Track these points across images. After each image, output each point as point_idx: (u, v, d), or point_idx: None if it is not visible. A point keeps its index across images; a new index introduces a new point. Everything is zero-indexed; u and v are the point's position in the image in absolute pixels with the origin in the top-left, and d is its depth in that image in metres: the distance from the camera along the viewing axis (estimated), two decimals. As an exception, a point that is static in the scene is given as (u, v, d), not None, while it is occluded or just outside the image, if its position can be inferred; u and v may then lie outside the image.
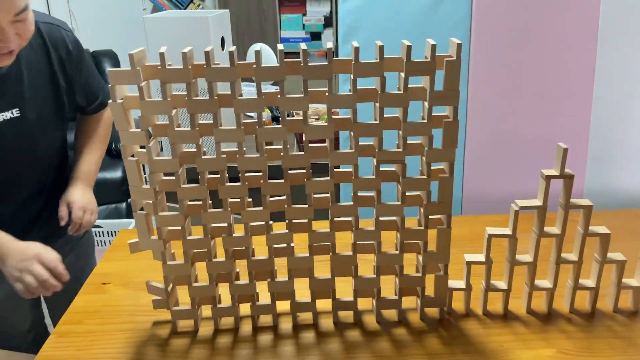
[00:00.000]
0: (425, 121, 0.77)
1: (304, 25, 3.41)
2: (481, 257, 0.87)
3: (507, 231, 0.85)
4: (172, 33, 1.56)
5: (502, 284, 0.89)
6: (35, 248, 0.91)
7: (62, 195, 1.11)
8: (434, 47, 0.73)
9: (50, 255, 0.91)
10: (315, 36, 3.40)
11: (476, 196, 1.62)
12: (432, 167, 0.80)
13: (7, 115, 0.95)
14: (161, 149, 1.78)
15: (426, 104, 0.77)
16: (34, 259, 0.89)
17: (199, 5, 3.41)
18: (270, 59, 2.19)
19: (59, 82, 1.03)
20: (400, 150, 0.79)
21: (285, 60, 0.75)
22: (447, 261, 0.85)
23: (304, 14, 3.40)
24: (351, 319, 0.89)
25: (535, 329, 0.86)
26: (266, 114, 1.80)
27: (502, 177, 1.59)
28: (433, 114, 0.77)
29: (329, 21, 3.38)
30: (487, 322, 0.88)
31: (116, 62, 3.02)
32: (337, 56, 0.73)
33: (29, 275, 0.88)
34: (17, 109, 0.96)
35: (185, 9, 3.46)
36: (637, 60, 1.48)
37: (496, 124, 1.57)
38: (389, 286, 0.90)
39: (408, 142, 0.79)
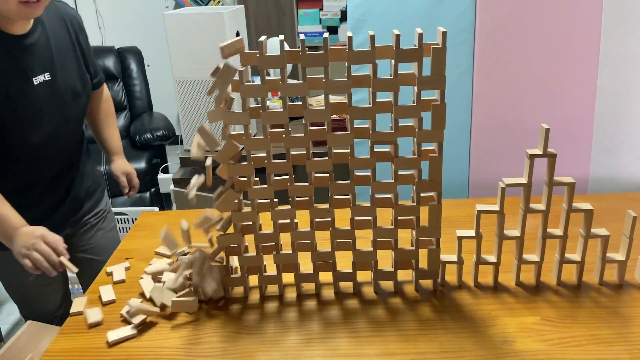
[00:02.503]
0: (415, 104, 0.84)
1: (320, 19, 3.47)
2: (472, 233, 0.93)
3: (496, 207, 0.91)
4: (190, 28, 1.64)
5: (492, 258, 0.95)
6: (41, 230, 1.02)
7: (78, 185, 1.23)
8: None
9: (54, 236, 1.01)
10: (332, 30, 3.46)
11: (482, 181, 1.67)
12: (423, 148, 0.87)
13: (41, 78, 1.06)
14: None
15: (416, 88, 0.83)
16: (39, 239, 0.99)
17: (219, 2, 3.51)
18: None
19: (78, 53, 1.16)
20: (393, 132, 0.86)
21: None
22: (438, 235, 0.92)
23: (321, 9, 3.46)
24: (351, 290, 0.96)
25: (523, 299, 0.92)
26: (279, 104, 1.87)
27: (508, 163, 1.63)
28: (422, 98, 0.84)
29: (345, 15, 3.43)
30: (477, 293, 0.94)
31: (140, 58, 3.14)
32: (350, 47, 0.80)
33: (35, 252, 0.98)
34: (49, 73, 1.07)
35: (206, 5, 3.56)
36: (639, 49, 1.51)
37: (501, 112, 1.61)
38: (386, 260, 0.97)
39: (400, 124, 0.86)
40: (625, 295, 0.91)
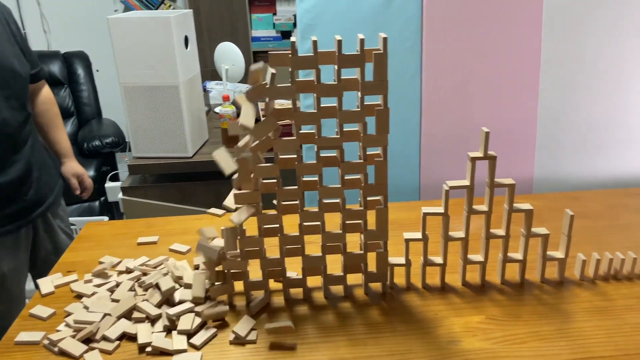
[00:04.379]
0: (359, 109, 0.84)
1: (274, 24, 3.47)
2: (419, 235, 0.94)
3: (441, 209, 0.92)
4: (135, 33, 1.60)
5: (439, 259, 0.97)
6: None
7: (27, 172, 1.27)
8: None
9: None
10: (286, 35, 3.46)
11: (433, 183, 1.70)
12: (368, 152, 0.87)
13: None
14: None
15: (359, 93, 0.84)
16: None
17: (170, 6, 3.45)
18: (236, 57, 2.24)
19: (12, 39, 1.23)
20: (338, 137, 0.86)
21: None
22: (386, 238, 0.92)
23: (274, 14, 3.46)
24: (301, 295, 0.96)
25: (469, 298, 0.94)
26: (231, 110, 1.86)
27: (457, 165, 1.66)
28: (367, 103, 0.84)
29: (299, 20, 3.44)
30: (425, 294, 0.96)
31: (87, 63, 3.04)
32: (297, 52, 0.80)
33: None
34: None
35: (157, 9, 3.49)
36: (579, 52, 1.57)
37: (449, 115, 1.65)
38: (336, 265, 0.97)
39: (345, 129, 0.86)
40: (566, 291, 0.94)
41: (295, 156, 0.87)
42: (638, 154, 1.62)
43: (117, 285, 0.99)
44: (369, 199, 0.91)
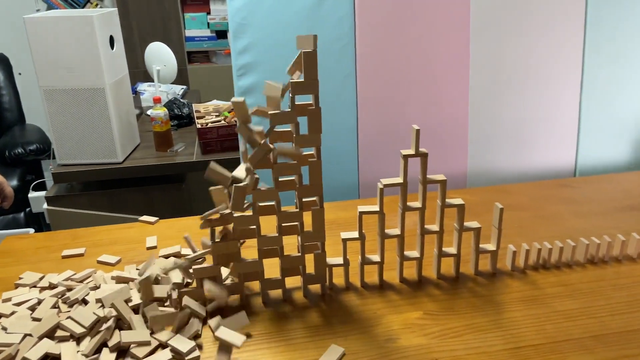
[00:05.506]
0: (290, 110, 0.83)
1: (208, 23, 3.40)
2: (355, 234, 0.94)
3: (376, 208, 0.93)
4: (55, 33, 1.51)
5: (377, 257, 0.97)
6: None
7: None
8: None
9: None
10: (221, 34, 3.40)
11: (372, 181, 1.71)
12: (303, 153, 0.86)
13: None
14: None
15: (290, 93, 0.82)
16: None
17: (97, 5, 3.30)
18: (168, 57, 2.17)
19: None
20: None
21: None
22: (323, 239, 0.91)
23: (208, 13, 3.39)
24: (238, 302, 0.93)
25: (406, 295, 0.94)
26: (163, 112, 1.79)
27: (395, 163, 1.69)
28: (297, 103, 0.83)
29: (234, 19, 3.39)
30: (364, 294, 0.95)
31: (8, 66, 2.86)
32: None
33: None
34: None
35: (83, 7, 3.33)
36: (505, 51, 1.63)
37: (385, 114, 1.67)
38: (274, 269, 0.95)
39: (278, 130, 0.84)
40: (498, 282, 0.97)
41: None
42: (563, 147, 1.70)
43: (39, 302, 0.92)
44: (304, 200, 0.89)
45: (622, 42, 1.64)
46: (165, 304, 0.89)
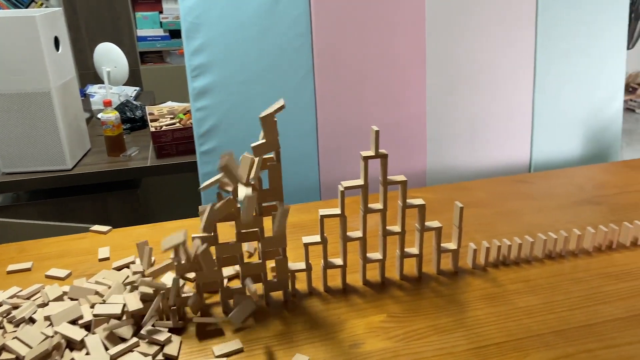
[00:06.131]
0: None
1: (161, 22, 3.31)
2: (317, 238, 0.92)
3: (337, 211, 0.91)
4: (-6, 34, 1.43)
5: (339, 261, 0.95)
6: None
7: None
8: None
9: None
10: (175, 34, 3.32)
11: (333, 182, 1.71)
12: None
13: None
14: None
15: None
16: None
17: (42, 5, 3.16)
18: (118, 58, 2.09)
19: None
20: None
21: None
22: (284, 245, 0.89)
23: (161, 12, 3.30)
24: (198, 314, 0.90)
25: (370, 298, 0.93)
26: (114, 115, 1.72)
27: (355, 162, 1.68)
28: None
29: (188, 18, 3.31)
30: (327, 298, 0.94)
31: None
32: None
33: None
34: None
35: (27, 7, 3.18)
36: (460, 49, 1.65)
37: (345, 113, 1.66)
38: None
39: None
40: (461, 281, 0.97)
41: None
42: (518, 143, 1.74)
43: (-19, 323, 0.86)
44: (264, 204, 0.87)
45: (572, 38, 1.69)
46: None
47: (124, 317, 0.84)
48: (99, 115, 2.05)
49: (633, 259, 1.02)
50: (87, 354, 0.78)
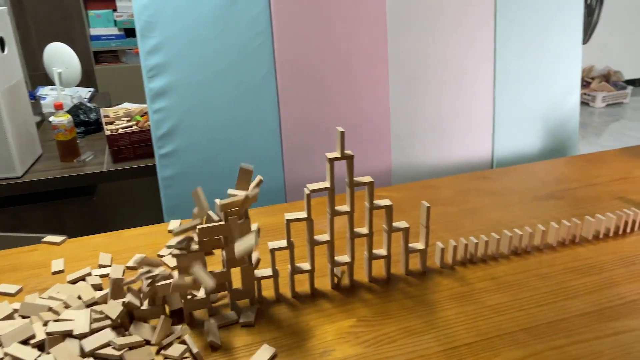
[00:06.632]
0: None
1: (115, 21, 3.20)
2: (284, 243, 0.89)
3: (304, 214, 0.88)
4: None
5: (307, 265, 0.93)
6: None
7: None
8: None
9: None
10: (130, 32, 3.21)
11: (298, 183, 1.68)
12: (221, 161, 0.80)
13: None
14: None
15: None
16: None
17: (-14, 2, 3.00)
18: (69, 58, 2.01)
19: None
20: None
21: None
22: (250, 252, 0.86)
23: (115, 10, 3.19)
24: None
25: (339, 302, 0.91)
26: (66, 119, 1.64)
27: (321, 163, 1.66)
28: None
29: (144, 17, 3.21)
30: (295, 304, 0.91)
31: None
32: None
33: None
34: None
35: (-30, 6, 3.02)
36: (422, 47, 1.65)
37: (309, 112, 1.63)
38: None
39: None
40: (429, 281, 0.96)
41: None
42: (480, 139, 1.75)
43: None
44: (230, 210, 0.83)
45: (530, 35, 1.72)
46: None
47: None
48: (50, 119, 1.96)
49: (596, 252, 1.03)
50: (40, 376, 0.73)
